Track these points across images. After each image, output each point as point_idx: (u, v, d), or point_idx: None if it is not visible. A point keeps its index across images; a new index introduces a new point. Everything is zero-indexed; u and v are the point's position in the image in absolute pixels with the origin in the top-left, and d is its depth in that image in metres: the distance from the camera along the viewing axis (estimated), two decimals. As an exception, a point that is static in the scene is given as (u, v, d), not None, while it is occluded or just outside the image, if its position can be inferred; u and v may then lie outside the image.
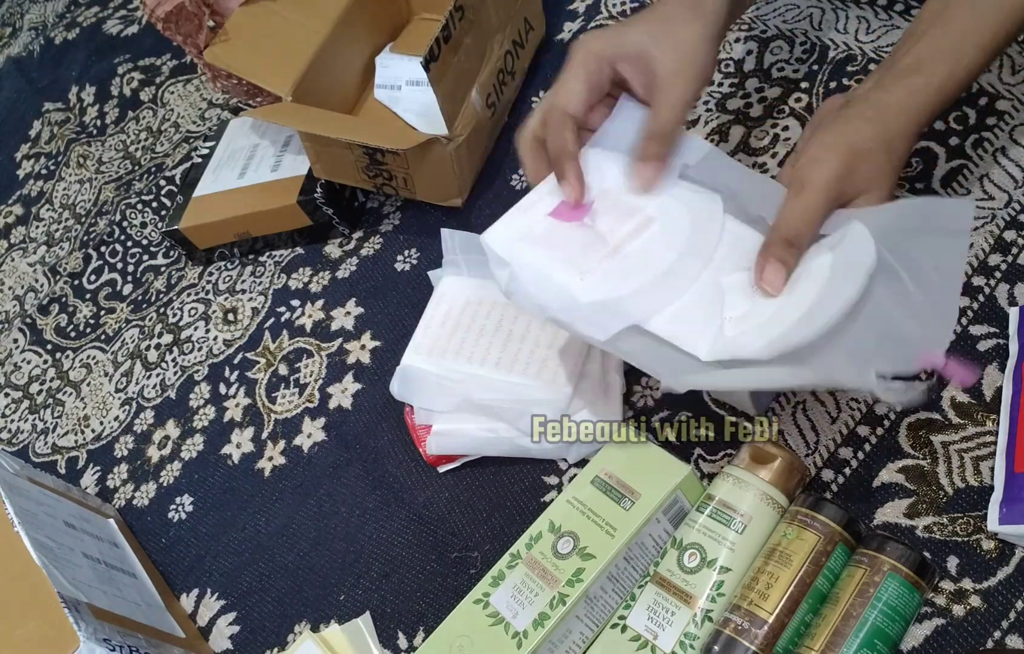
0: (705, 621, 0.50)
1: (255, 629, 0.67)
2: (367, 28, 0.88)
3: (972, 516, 0.51)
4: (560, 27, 0.89)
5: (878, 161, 0.50)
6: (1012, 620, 0.48)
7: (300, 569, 0.68)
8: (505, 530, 0.62)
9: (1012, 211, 0.60)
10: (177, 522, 0.75)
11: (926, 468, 0.54)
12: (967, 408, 0.55)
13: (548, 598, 0.52)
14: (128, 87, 1.16)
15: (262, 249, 0.89)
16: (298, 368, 0.79)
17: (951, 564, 0.50)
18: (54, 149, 1.16)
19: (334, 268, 0.84)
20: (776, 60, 0.76)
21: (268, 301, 0.85)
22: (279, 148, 0.89)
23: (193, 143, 1.04)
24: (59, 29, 1.32)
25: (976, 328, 0.57)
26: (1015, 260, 0.59)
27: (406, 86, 0.85)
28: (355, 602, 0.65)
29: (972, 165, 0.63)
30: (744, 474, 0.53)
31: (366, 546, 0.67)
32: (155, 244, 0.97)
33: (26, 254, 1.06)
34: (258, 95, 0.91)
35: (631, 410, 0.64)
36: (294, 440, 0.75)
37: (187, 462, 0.78)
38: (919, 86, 0.51)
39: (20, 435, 0.89)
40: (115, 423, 0.84)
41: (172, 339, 0.87)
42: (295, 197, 0.82)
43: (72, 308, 0.97)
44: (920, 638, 0.49)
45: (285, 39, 0.83)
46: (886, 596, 0.47)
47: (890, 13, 0.73)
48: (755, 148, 0.71)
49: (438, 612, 0.60)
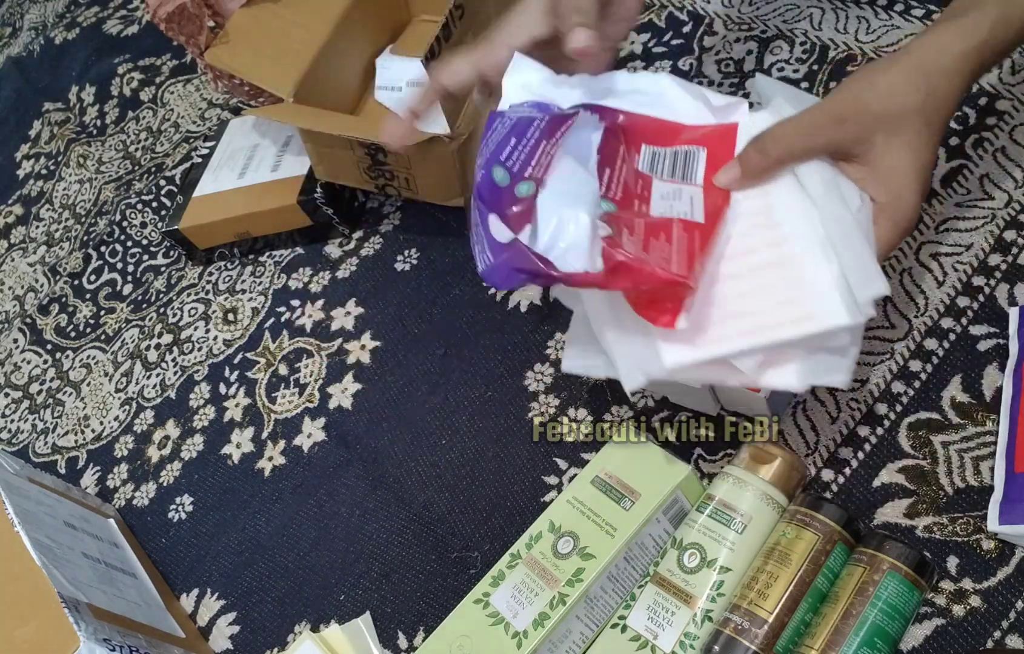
0: (705, 621, 0.50)
1: (255, 629, 0.67)
2: (367, 30, 0.88)
3: (972, 516, 0.51)
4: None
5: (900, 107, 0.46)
6: (1012, 620, 0.48)
7: (300, 569, 0.68)
8: (505, 530, 0.63)
9: (1012, 211, 0.60)
10: (177, 522, 0.75)
11: (926, 468, 0.54)
12: (967, 408, 0.55)
13: (548, 598, 0.52)
14: (128, 87, 1.16)
15: (262, 249, 0.89)
16: (298, 368, 0.79)
17: (951, 564, 0.50)
18: (54, 149, 1.16)
19: (334, 268, 0.84)
20: (776, 60, 0.76)
21: (268, 301, 0.85)
22: (279, 148, 0.89)
23: (193, 143, 1.04)
24: (59, 29, 1.32)
25: (976, 328, 0.57)
26: (1015, 260, 0.59)
27: (407, 87, 0.85)
28: (355, 602, 0.65)
29: (972, 165, 0.63)
30: (744, 474, 0.53)
31: (366, 546, 0.67)
32: (155, 244, 0.97)
33: (26, 254, 1.06)
34: (259, 96, 0.91)
35: (631, 410, 0.64)
36: (294, 440, 0.75)
37: (187, 462, 0.78)
38: (967, 28, 0.47)
39: (20, 435, 0.89)
40: (115, 423, 0.84)
41: (172, 339, 0.87)
42: (295, 197, 0.82)
43: (72, 308, 0.97)
44: (920, 638, 0.49)
45: (286, 40, 0.83)
46: (886, 595, 0.47)
47: (890, 13, 0.73)
48: (755, 148, 0.71)
49: (438, 612, 0.60)
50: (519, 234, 0.47)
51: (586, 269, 0.45)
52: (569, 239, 0.46)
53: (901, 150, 0.46)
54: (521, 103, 0.52)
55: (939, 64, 0.46)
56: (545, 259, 0.46)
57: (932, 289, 0.60)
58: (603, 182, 0.49)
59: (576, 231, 0.46)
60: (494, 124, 0.50)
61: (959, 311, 0.58)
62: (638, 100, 0.53)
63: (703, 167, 0.51)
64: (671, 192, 0.50)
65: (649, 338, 0.48)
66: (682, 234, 0.48)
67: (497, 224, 0.47)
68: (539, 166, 0.49)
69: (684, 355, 0.47)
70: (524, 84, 0.53)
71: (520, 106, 0.52)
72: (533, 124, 0.50)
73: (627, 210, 0.49)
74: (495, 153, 0.49)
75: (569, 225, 0.46)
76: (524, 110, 0.51)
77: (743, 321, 0.47)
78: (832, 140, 0.47)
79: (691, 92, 0.52)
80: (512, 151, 0.49)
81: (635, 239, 0.47)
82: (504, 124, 0.50)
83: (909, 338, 0.58)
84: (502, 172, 0.48)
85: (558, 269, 0.45)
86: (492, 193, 0.48)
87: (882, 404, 0.57)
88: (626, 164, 0.51)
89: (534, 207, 0.48)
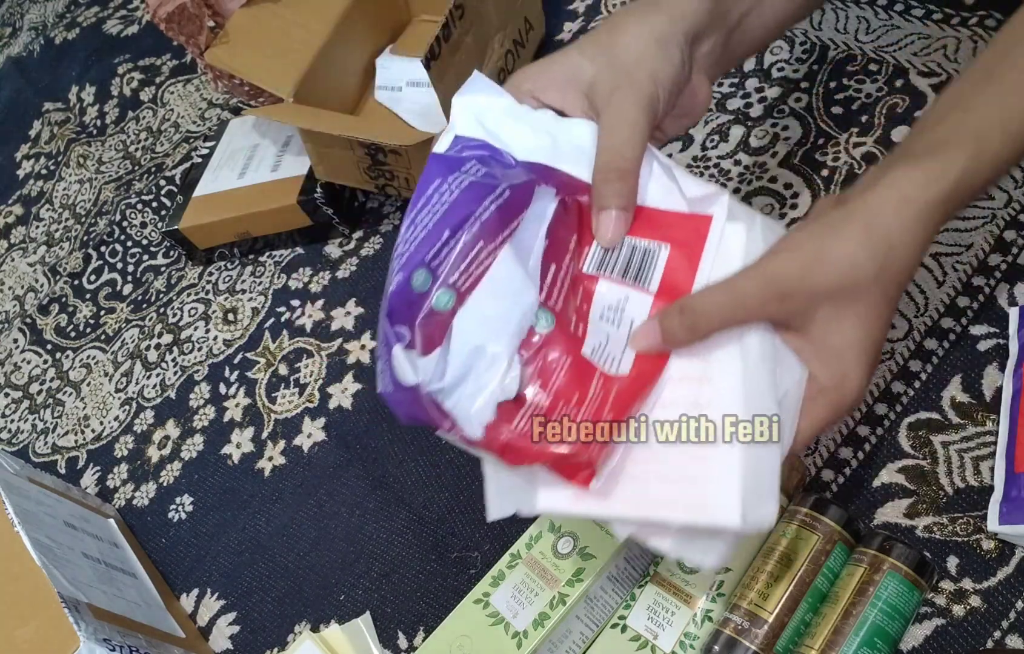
0: (705, 621, 0.50)
1: (255, 629, 0.67)
2: (367, 30, 0.88)
3: (972, 516, 0.51)
4: (560, 27, 0.89)
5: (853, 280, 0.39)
6: (1012, 620, 0.48)
7: (300, 569, 0.68)
8: (505, 530, 0.62)
9: (1012, 211, 0.60)
10: (177, 522, 0.75)
11: (926, 468, 0.54)
12: (967, 408, 0.55)
13: (548, 598, 0.52)
14: (128, 87, 1.16)
15: (262, 249, 0.89)
16: (298, 368, 0.79)
17: (951, 564, 0.50)
18: (54, 149, 1.16)
19: (334, 268, 0.84)
20: (776, 60, 0.76)
21: (268, 301, 0.85)
22: (279, 148, 0.89)
23: (193, 143, 1.04)
24: (59, 29, 1.32)
25: (976, 328, 0.57)
26: (1015, 260, 0.59)
27: (407, 87, 0.85)
28: (355, 602, 0.65)
29: (972, 165, 0.63)
30: (744, 474, 0.53)
31: (366, 546, 0.67)
32: (155, 244, 0.97)
33: (26, 254, 1.06)
34: (259, 96, 0.91)
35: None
36: (294, 440, 0.75)
37: (187, 462, 0.78)
38: (933, 174, 0.39)
39: (20, 435, 0.89)
40: (115, 423, 0.84)
41: (172, 339, 0.87)
42: (295, 197, 0.83)
43: (72, 308, 0.97)
44: (920, 638, 0.49)
45: (286, 40, 0.83)
46: (886, 594, 0.47)
47: (890, 13, 0.73)
48: (755, 148, 0.71)
49: (438, 612, 0.60)
50: (427, 356, 0.40)
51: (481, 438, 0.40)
52: (475, 393, 0.41)
53: (849, 326, 0.40)
54: (471, 139, 0.44)
55: (900, 222, 0.39)
56: (445, 412, 0.40)
57: (932, 289, 0.60)
58: (545, 283, 0.42)
59: (483, 396, 0.40)
60: (430, 190, 0.41)
61: (959, 311, 0.58)
62: None
63: (661, 270, 0.43)
64: (614, 307, 0.43)
65: (532, 477, 0.41)
66: (599, 392, 0.41)
67: (402, 360, 0.40)
68: (469, 274, 0.41)
69: (560, 504, 0.41)
70: (477, 114, 0.45)
71: (469, 144, 0.44)
72: (482, 204, 0.41)
73: (561, 329, 0.42)
74: (422, 247, 0.40)
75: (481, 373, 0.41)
76: (472, 168, 0.42)
77: (632, 485, 0.40)
78: (771, 315, 0.40)
79: (664, 168, 0.44)
80: (443, 247, 0.41)
81: (548, 391, 0.41)
82: (441, 196, 0.41)
83: (909, 338, 0.58)
84: (424, 276, 0.40)
85: (461, 429, 0.40)
86: (406, 304, 0.40)
87: (882, 404, 0.57)
88: (573, 260, 0.44)
89: (450, 327, 0.41)
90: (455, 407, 0.41)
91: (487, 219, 0.41)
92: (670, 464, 0.39)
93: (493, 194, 0.41)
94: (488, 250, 0.41)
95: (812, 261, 0.39)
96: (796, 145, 0.70)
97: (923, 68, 0.69)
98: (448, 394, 0.41)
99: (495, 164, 0.44)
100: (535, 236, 0.43)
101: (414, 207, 0.41)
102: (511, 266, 0.42)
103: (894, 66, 0.70)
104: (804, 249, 0.39)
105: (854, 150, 0.67)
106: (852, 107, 0.70)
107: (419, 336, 0.40)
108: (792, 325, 0.40)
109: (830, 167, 0.67)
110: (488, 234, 0.41)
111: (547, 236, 0.43)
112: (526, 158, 0.44)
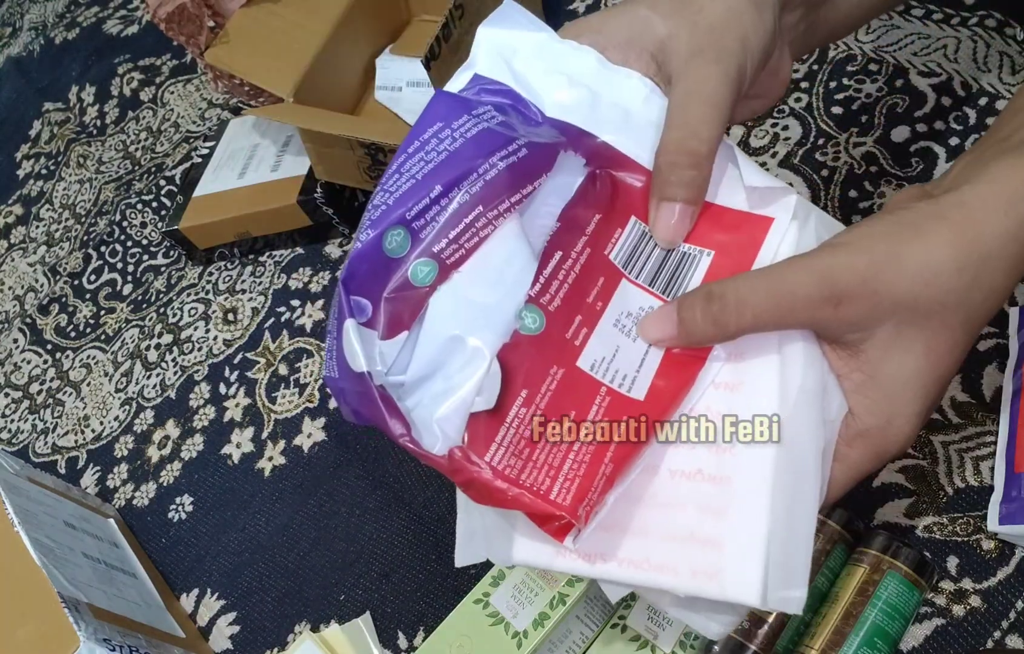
0: (705, 621, 0.50)
1: (255, 629, 0.67)
2: (367, 30, 0.88)
3: (972, 516, 0.51)
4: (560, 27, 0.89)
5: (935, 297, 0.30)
6: (1012, 620, 0.48)
7: (300, 569, 0.68)
8: (505, 530, 0.63)
9: (1012, 211, 0.60)
10: (177, 522, 0.75)
11: (926, 468, 0.54)
12: (967, 408, 0.55)
13: (548, 598, 0.52)
14: (128, 87, 1.16)
15: (262, 249, 0.89)
16: (298, 368, 0.79)
17: (951, 564, 0.50)
18: (54, 149, 1.16)
19: (334, 268, 0.84)
20: (776, 60, 0.76)
21: (268, 301, 0.85)
22: (279, 148, 0.89)
23: (193, 143, 1.04)
24: (59, 29, 1.32)
25: (976, 328, 0.57)
26: (1015, 260, 0.59)
27: (407, 87, 0.85)
28: (355, 602, 0.65)
29: (972, 165, 0.63)
30: (744, 474, 0.53)
31: (366, 546, 0.67)
32: (155, 244, 0.97)
33: (26, 254, 1.06)
34: (259, 96, 0.91)
35: (631, 410, 0.63)
36: (294, 440, 0.75)
37: (187, 462, 0.78)
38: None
39: (20, 435, 0.89)
40: (115, 423, 0.84)
41: (172, 339, 0.87)
42: (295, 197, 0.83)
43: (72, 308, 0.97)
44: (920, 638, 0.49)
45: (286, 40, 0.83)
46: (886, 594, 0.47)
47: (890, 13, 0.73)
48: (755, 148, 0.71)
49: (438, 612, 0.60)
50: (389, 340, 0.32)
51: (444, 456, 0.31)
52: (442, 395, 0.32)
53: (912, 355, 0.31)
54: (493, 81, 0.36)
55: (1003, 229, 0.30)
56: (400, 413, 0.32)
57: (932, 289, 0.59)
58: (543, 273, 0.34)
59: (452, 400, 0.32)
60: (427, 133, 0.33)
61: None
62: (654, 140, 0.36)
63: (699, 282, 0.35)
64: (633, 314, 0.35)
65: (508, 517, 0.34)
66: (600, 419, 0.33)
67: (353, 340, 0.32)
68: (459, 244, 0.33)
69: (540, 558, 0.34)
70: (505, 51, 0.37)
71: (489, 87, 0.36)
72: (489, 160, 0.33)
73: (552, 334, 0.33)
74: (404, 200, 0.32)
75: (453, 371, 0.32)
76: (486, 113, 0.34)
77: (629, 542, 0.32)
78: (819, 322, 0.32)
79: (729, 154, 0.36)
80: (431, 205, 0.32)
81: (528, 414, 0.33)
82: (441, 143, 0.33)
83: (909, 338, 0.58)
84: (401, 237, 0.32)
85: (418, 439, 0.31)
86: (373, 271, 0.32)
87: (882, 404, 0.57)
88: (593, 246, 0.35)
89: (425, 307, 0.32)
90: (415, 409, 0.32)
91: (493, 179, 0.33)
92: (677, 520, 0.32)
93: (505, 149, 0.33)
94: (488, 218, 0.33)
95: (884, 262, 0.30)
96: (796, 145, 0.70)
97: (923, 68, 0.69)
98: (409, 391, 0.32)
99: (516, 115, 0.35)
100: (551, 214, 0.35)
101: (403, 151, 0.33)
102: (514, 243, 0.33)
103: (894, 66, 0.70)
104: (874, 246, 0.31)
105: (854, 150, 0.67)
106: (852, 107, 0.70)
107: (384, 313, 0.32)
108: (842, 339, 0.32)
109: (830, 167, 0.67)
110: (491, 198, 0.33)
111: (560, 218, 0.35)
112: (556, 115, 0.36)
